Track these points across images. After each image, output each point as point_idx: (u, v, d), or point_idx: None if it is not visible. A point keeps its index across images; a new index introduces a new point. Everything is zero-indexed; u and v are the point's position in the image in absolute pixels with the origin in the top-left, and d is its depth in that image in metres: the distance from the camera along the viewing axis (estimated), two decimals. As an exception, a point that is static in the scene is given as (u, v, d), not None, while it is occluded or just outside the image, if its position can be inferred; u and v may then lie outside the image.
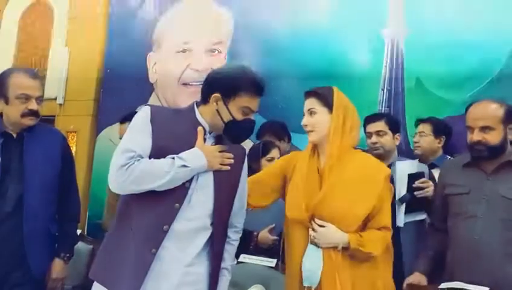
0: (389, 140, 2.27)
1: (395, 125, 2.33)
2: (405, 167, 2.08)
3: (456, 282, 1.77)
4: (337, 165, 1.69)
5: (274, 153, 2.58)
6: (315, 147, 1.78)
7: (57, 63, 5.08)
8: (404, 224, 2.11)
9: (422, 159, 2.66)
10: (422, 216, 2.17)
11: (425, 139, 2.66)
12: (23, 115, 1.90)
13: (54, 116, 4.84)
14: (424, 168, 2.23)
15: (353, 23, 3.57)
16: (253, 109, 1.61)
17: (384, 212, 1.71)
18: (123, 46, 4.66)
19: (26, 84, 1.90)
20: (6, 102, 1.90)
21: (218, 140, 1.63)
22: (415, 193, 2.09)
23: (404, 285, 1.96)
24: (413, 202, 2.09)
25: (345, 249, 1.64)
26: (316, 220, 1.67)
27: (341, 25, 3.62)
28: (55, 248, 2.02)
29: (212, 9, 4.28)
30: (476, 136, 1.85)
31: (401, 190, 2.07)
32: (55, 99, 4.85)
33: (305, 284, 1.66)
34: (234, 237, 1.72)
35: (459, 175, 1.95)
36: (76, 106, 4.85)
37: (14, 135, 1.94)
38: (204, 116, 1.60)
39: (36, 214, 1.90)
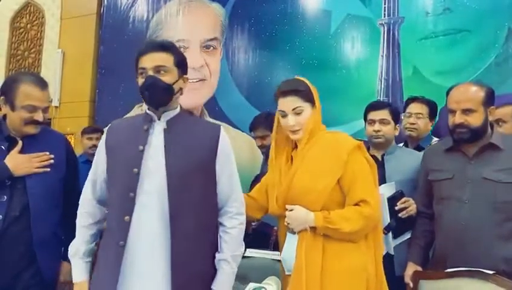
0: (391, 129, 2.26)
1: (396, 116, 2.32)
2: (383, 192, 1.99)
3: (461, 268, 1.78)
4: (305, 149, 1.68)
5: None
6: (290, 140, 1.77)
7: (51, 65, 5.06)
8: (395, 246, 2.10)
9: (412, 141, 2.60)
10: (409, 234, 2.15)
11: (422, 121, 2.56)
12: (26, 123, 1.89)
13: (50, 119, 4.82)
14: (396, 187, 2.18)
15: (349, 14, 3.57)
16: (145, 66, 1.55)
17: (359, 185, 1.63)
18: (117, 46, 4.64)
19: (35, 96, 1.88)
20: (12, 109, 1.89)
21: (170, 122, 1.60)
22: (399, 214, 2.06)
23: (408, 277, 1.96)
24: (399, 226, 2.07)
25: (316, 229, 1.60)
26: (286, 205, 1.66)
27: (337, 16, 3.61)
28: (61, 251, 2.01)
29: (206, 6, 4.27)
30: (458, 118, 1.85)
31: (385, 216, 2.00)
32: (51, 101, 4.83)
33: (286, 272, 1.67)
34: (230, 224, 1.61)
35: (442, 160, 1.95)
36: (72, 107, 4.84)
37: (18, 139, 1.93)
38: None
39: (43, 218, 1.89)
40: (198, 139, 1.59)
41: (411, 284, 1.91)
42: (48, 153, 1.91)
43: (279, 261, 1.96)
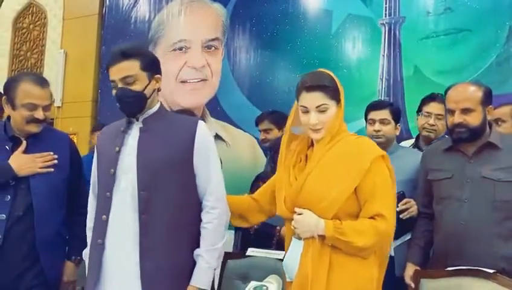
0: (391, 129, 2.26)
1: (397, 115, 2.32)
2: None
3: (462, 267, 1.79)
4: (324, 149, 1.56)
5: None
6: (307, 139, 1.65)
7: (53, 66, 5.08)
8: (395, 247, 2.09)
9: (427, 141, 2.52)
10: (410, 235, 2.14)
11: (441, 122, 2.43)
12: (27, 122, 1.90)
13: (53, 119, 4.84)
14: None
15: (350, 14, 3.59)
16: (114, 79, 1.57)
17: (378, 198, 1.49)
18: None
19: (34, 94, 1.88)
20: (13, 108, 1.90)
21: (146, 121, 1.62)
22: (400, 215, 2.03)
23: (408, 277, 1.96)
24: (400, 227, 2.06)
25: (324, 238, 1.47)
26: (296, 209, 1.54)
27: (338, 16, 3.63)
28: (65, 251, 2.02)
29: (207, 6, 4.28)
30: (457, 118, 1.86)
31: None
32: (53, 101, 4.85)
33: (287, 279, 1.60)
34: (205, 219, 1.60)
35: (441, 160, 1.96)
36: (74, 107, 4.86)
37: (22, 139, 1.94)
38: None
39: (46, 218, 1.89)
40: (175, 135, 1.60)
41: (413, 285, 1.90)
42: (51, 153, 1.93)
43: (281, 260, 1.97)
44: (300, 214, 1.52)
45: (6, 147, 1.92)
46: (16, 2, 5.50)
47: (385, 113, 2.25)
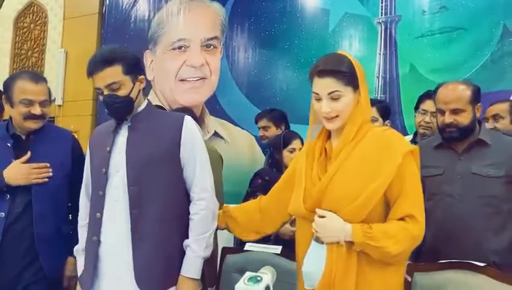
0: (379, 126, 2.29)
1: (385, 112, 2.34)
2: None
3: (453, 260, 1.83)
4: (349, 144, 1.41)
5: (295, 143, 2.52)
6: (325, 131, 1.51)
7: (54, 64, 5.11)
8: None
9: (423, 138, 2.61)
10: None
11: (435, 119, 2.42)
12: (25, 118, 1.94)
13: (53, 117, 4.88)
14: None
15: (347, 12, 3.63)
16: (99, 86, 1.61)
17: (409, 196, 1.36)
18: (119, 45, 4.68)
19: (29, 89, 1.93)
20: (11, 105, 1.95)
21: (134, 119, 1.66)
22: None
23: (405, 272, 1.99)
24: None
25: (352, 244, 1.33)
26: (317, 210, 1.39)
27: (335, 15, 3.67)
28: (67, 247, 2.05)
29: (206, 5, 4.32)
30: (447, 118, 1.90)
31: None
32: (54, 100, 4.88)
33: (305, 286, 1.45)
34: (192, 210, 1.63)
35: (431, 156, 1.98)
36: (75, 106, 4.89)
37: (23, 137, 1.98)
38: None
39: (45, 215, 1.92)
40: (162, 130, 1.65)
41: (409, 279, 1.93)
42: (48, 164, 1.94)
43: (278, 255, 2.01)
44: (322, 216, 1.38)
45: (8, 144, 1.96)
46: (17, 2, 5.53)
47: (372, 111, 2.28)
